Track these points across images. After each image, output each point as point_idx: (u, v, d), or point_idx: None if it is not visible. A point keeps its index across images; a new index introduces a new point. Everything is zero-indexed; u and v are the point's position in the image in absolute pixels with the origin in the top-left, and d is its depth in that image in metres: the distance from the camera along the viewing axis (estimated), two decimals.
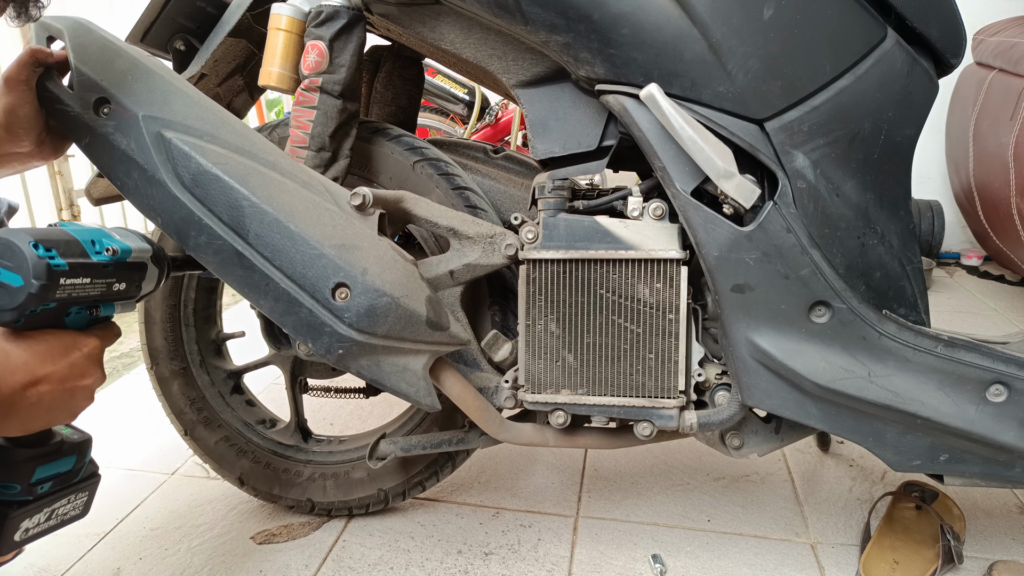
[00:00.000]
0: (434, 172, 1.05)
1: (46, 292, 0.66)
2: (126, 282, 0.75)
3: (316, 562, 1.13)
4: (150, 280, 0.80)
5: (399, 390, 0.87)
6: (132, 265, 0.76)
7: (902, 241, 0.86)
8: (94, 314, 0.74)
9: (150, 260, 0.79)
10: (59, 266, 0.66)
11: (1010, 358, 0.84)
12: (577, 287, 0.91)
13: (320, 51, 0.95)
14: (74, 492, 0.76)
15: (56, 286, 0.66)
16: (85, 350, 0.70)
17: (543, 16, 0.83)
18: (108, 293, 0.73)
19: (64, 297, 0.68)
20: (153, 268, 0.80)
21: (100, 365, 0.72)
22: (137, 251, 0.76)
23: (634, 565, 1.11)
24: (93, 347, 0.71)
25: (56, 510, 0.75)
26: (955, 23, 0.83)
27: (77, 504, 0.77)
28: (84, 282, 0.70)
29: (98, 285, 0.72)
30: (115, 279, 0.74)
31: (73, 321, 0.72)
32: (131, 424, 1.63)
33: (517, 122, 2.58)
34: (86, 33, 0.83)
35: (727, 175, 0.80)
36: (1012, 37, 2.03)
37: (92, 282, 0.71)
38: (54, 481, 0.73)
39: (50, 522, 0.75)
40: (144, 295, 0.81)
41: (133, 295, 0.78)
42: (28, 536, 0.72)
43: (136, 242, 0.77)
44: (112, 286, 0.74)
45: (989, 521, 1.20)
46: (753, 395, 0.88)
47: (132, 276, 0.76)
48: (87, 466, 0.78)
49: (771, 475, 1.35)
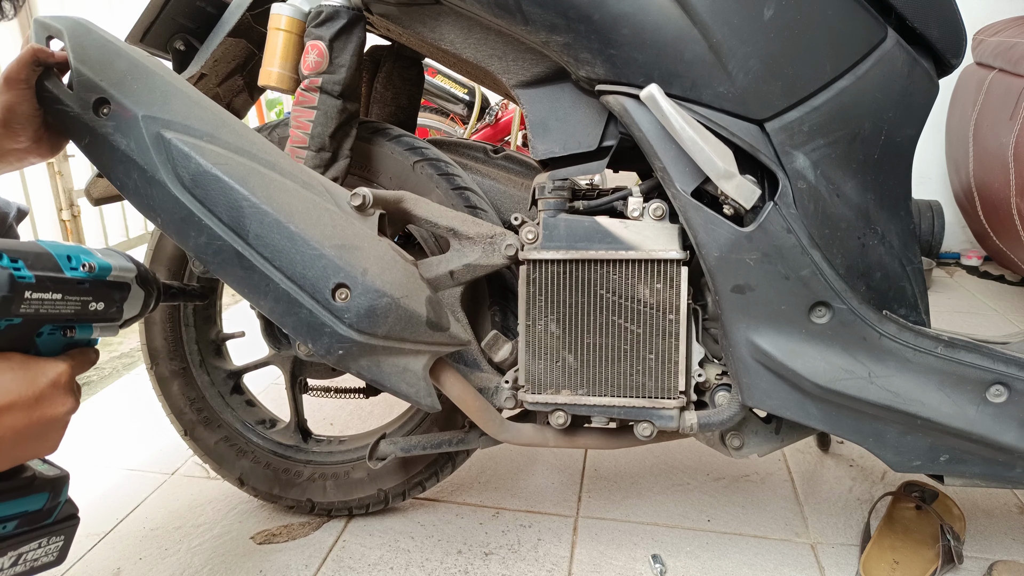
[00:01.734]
0: (434, 172, 1.05)
1: (8, 305, 0.61)
2: (104, 302, 0.71)
3: (316, 562, 1.13)
4: (134, 303, 0.75)
5: (399, 391, 0.87)
6: (112, 284, 0.72)
7: (902, 241, 0.86)
8: (69, 335, 0.69)
9: (135, 281, 0.75)
10: (24, 278, 0.62)
11: (1010, 358, 0.84)
12: (577, 287, 0.91)
13: (320, 51, 0.95)
14: (46, 535, 0.69)
15: (20, 299, 0.62)
16: (52, 376, 0.65)
17: (543, 16, 0.83)
18: (84, 312, 0.69)
19: (31, 313, 0.64)
20: (138, 290, 0.76)
21: (71, 392, 0.67)
22: (118, 270, 0.72)
23: (634, 565, 1.11)
24: (61, 373, 0.66)
25: (24, 554, 0.67)
26: (955, 23, 0.83)
27: (50, 549, 0.70)
28: (55, 298, 0.65)
29: (71, 303, 0.67)
30: (91, 298, 0.69)
31: (45, 343, 0.68)
32: (131, 424, 1.63)
33: (517, 122, 2.58)
34: (86, 33, 0.83)
35: (727, 175, 0.80)
36: (1012, 37, 2.03)
37: (64, 298, 0.66)
38: (20, 520, 0.66)
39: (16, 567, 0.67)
40: (129, 319, 0.76)
41: (115, 318, 0.74)
42: None
43: (119, 261, 0.73)
44: (88, 305, 0.69)
45: (989, 521, 1.20)
46: (753, 395, 0.88)
47: (111, 296, 0.72)
48: (63, 507, 0.71)
49: (771, 475, 1.35)
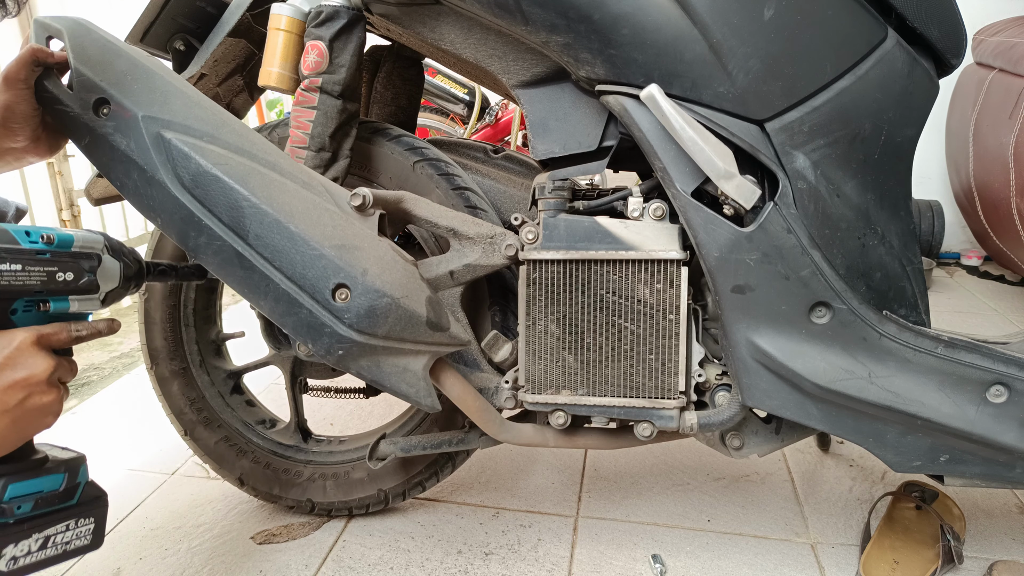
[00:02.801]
0: (434, 172, 1.05)
1: None
2: (72, 271, 0.71)
3: (316, 562, 1.13)
4: (109, 274, 0.76)
5: (399, 391, 0.87)
6: (77, 255, 0.72)
7: (902, 241, 0.86)
8: (43, 309, 0.71)
9: (105, 251, 0.75)
10: None
11: (1010, 358, 0.84)
12: (577, 287, 0.91)
13: (320, 51, 0.95)
14: (73, 517, 0.71)
15: None
16: (17, 342, 0.67)
17: (543, 16, 0.83)
18: (52, 284, 0.70)
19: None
20: (111, 260, 0.76)
21: (41, 355, 0.68)
22: (83, 240, 0.73)
23: (634, 565, 1.11)
24: (25, 338, 0.67)
25: (52, 537, 0.69)
26: (955, 23, 0.83)
27: (81, 532, 0.72)
28: (14, 269, 0.67)
29: (34, 274, 0.69)
30: (56, 268, 0.70)
31: (22, 320, 0.69)
32: (131, 424, 1.63)
33: (517, 122, 2.57)
34: (86, 33, 0.83)
35: (727, 176, 0.80)
36: (1012, 37, 2.03)
37: (25, 269, 0.68)
38: (36, 501, 0.68)
39: (47, 551, 0.69)
40: (112, 292, 0.77)
41: (91, 289, 0.74)
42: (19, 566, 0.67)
43: (84, 233, 0.74)
44: (55, 276, 0.70)
45: (989, 521, 1.20)
46: (753, 396, 0.88)
47: (79, 266, 0.72)
48: (84, 488, 0.72)
49: (771, 475, 1.35)
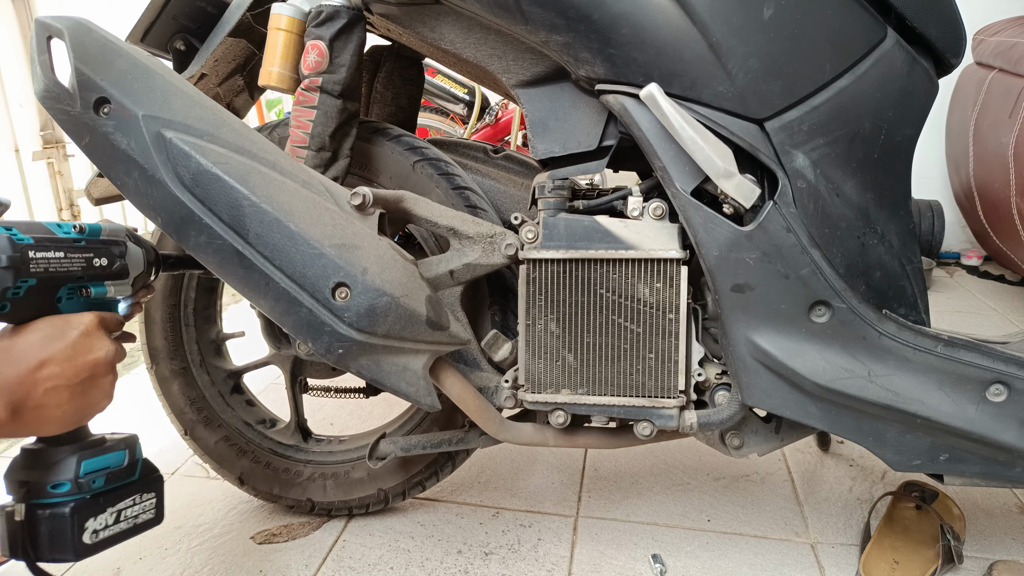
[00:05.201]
0: (434, 172, 1.05)
1: (17, 265, 0.65)
2: (107, 257, 0.75)
3: (316, 562, 1.13)
4: (135, 260, 0.79)
5: (399, 390, 0.87)
6: (108, 241, 0.76)
7: (902, 241, 0.86)
8: (86, 294, 0.73)
9: (128, 239, 0.79)
10: (23, 240, 0.66)
11: (1010, 358, 0.84)
12: (577, 287, 0.91)
13: (320, 51, 0.95)
14: (138, 491, 0.75)
15: (27, 260, 0.66)
16: (81, 327, 0.70)
17: (543, 16, 0.83)
18: (91, 269, 0.73)
19: (41, 272, 0.68)
20: (134, 247, 0.79)
21: (105, 338, 0.72)
22: (109, 228, 0.77)
23: (634, 565, 1.11)
24: (89, 322, 0.71)
25: (123, 511, 0.73)
26: (955, 23, 0.83)
27: (146, 506, 0.75)
28: (58, 256, 0.69)
29: (76, 260, 0.71)
30: (93, 254, 0.73)
31: (67, 307, 0.72)
32: (131, 424, 1.63)
33: (517, 122, 2.58)
34: (86, 33, 0.83)
35: (727, 175, 0.80)
36: (1012, 37, 2.03)
37: (67, 256, 0.70)
38: (107, 476, 0.72)
39: (120, 524, 0.73)
40: (138, 278, 0.80)
41: (123, 274, 0.77)
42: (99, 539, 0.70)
43: (107, 223, 0.77)
44: (92, 261, 0.73)
45: (989, 521, 1.20)
46: (753, 395, 0.88)
47: (111, 251, 0.76)
48: (143, 464, 0.76)
49: (771, 475, 1.35)
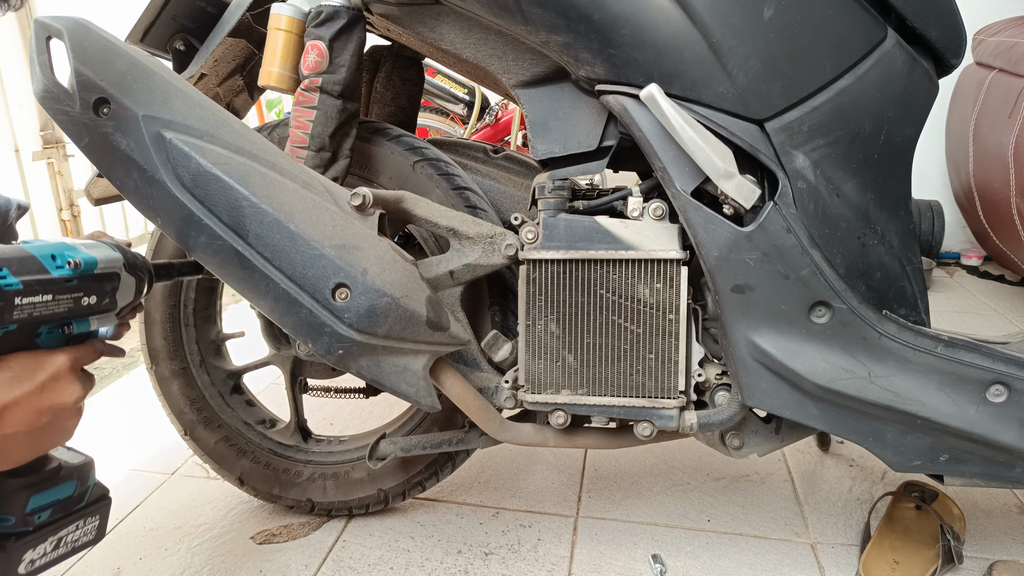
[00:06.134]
0: (434, 172, 1.05)
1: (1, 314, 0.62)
2: (96, 295, 0.71)
3: (316, 562, 1.13)
4: (126, 291, 0.75)
5: (399, 390, 0.87)
6: (101, 276, 0.72)
7: (902, 241, 0.86)
8: (67, 331, 0.70)
9: (123, 269, 0.75)
10: (11, 286, 0.62)
11: (1010, 358, 0.84)
12: (577, 287, 0.91)
13: (320, 51, 0.95)
14: (82, 517, 0.72)
15: (11, 307, 0.62)
16: (52, 369, 0.66)
17: (543, 16, 0.83)
18: (77, 308, 0.69)
19: (24, 318, 0.64)
20: (128, 278, 0.75)
21: (74, 382, 0.68)
22: (105, 261, 0.72)
23: (634, 565, 1.11)
24: (61, 365, 0.67)
25: (63, 538, 0.71)
26: (955, 23, 0.83)
27: (88, 529, 0.73)
28: (46, 299, 0.65)
29: (63, 301, 0.67)
30: (82, 293, 0.69)
31: (45, 342, 0.68)
32: (131, 424, 1.63)
33: (517, 122, 2.58)
34: (86, 33, 0.83)
35: (727, 175, 0.80)
36: (1012, 37, 2.03)
37: (55, 299, 0.66)
38: (54, 509, 0.69)
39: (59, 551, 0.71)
40: (125, 307, 0.76)
41: (109, 308, 0.74)
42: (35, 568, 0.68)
43: (104, 252, 0.73)
44: (80, 300, 0.69)
45: (989, 521, 1.20)
46: (753, 395, 0.88)
47: (102, 288, 0.72)
48: (92, 489, 0.74)
49: (771, 475, 1.35)
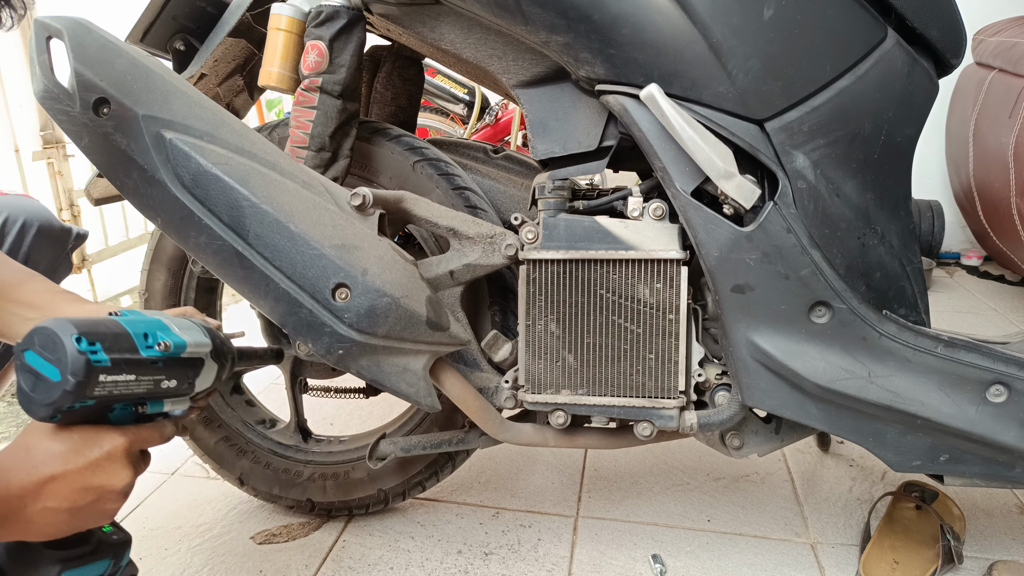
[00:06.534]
0: (434, 172, 1.05)
1: (82, 389, 0.61)
2: (177, 379, 0.70)
3: (316, 562, 1.13)
4: (206, 376, 0.74)
5: (399, 390, 0.87)
6: (186, 361, 0.71)
7: (902, 241, 0.86)
8: (139, 411, 0.69)
9: (208, 356, 0.74)
10: (100, 362, 0.62)
11: (1010, 358, 0.84)
12: (577, 287, 0.91)
13: (320, 51, 0.95)
14: None
15: (94, 383, 0.62)
16: (107, 448, 0.65)
17: (543, 16, 0.83)
18: (156, 390, 0.68)
19: (104, 395, 0.64)
20: (212, 364, 0.75)
21: (128, 465, 0.67)
22: (193, 346, 0.71)
23: (634, 565, 1.11)
24: (118, 446, 0.66)
25: None
26: (955, 23, 0.83)
27: None
28: (128, 379, 0.65)
29: (144, 382, 0.67)
30: (164, 376, 0.69)
31: (117, 418, 0.68)
32: None
33: (517, 122, 2.58)
34: (86, 33, 0.83)
35: (727, 175, 0.80)
36: (1012, 37, 2.03)
37: (137, 379, 0.66)
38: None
39: None
40: (200, 392, 0.75)
41: (186, 393, 0.73)
42: None
43: (195, 336, 0.72)
44: (160, 383, 0.68)
45: (989, 521, 1.20)
46: (753, 395, 0.88)
47: (185, 373, 0.71)
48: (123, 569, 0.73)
49: (771, 475, 1.35)
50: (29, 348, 0.62)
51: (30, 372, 0.62)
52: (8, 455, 0.63)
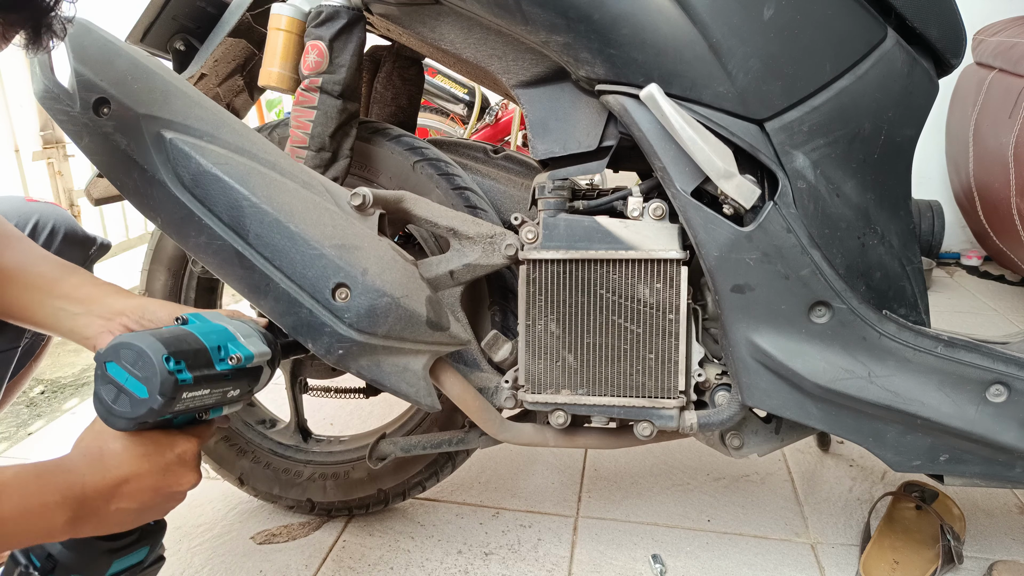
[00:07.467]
0: (434, 172, 1.05)
1: (168, 407, 0.64)
2: (240, 388, 0.73)
3: (316, 562, 1.13)
4: (263, 382, 0.77)
5: (399, 390, 0.87)
6: (250, 371, 0.74)
7: (902, 241, 0.86)
8: (203, 417, 0.72)
9: (267, 364, 0.76)
10: (185, 381, 0.65)
11: (1010, 358, 0.84)
12: (577, 287, 0.91)
13: (320, 51, 0.95)
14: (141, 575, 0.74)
15: (179, 400, 0.65)
16: (180, 451, 0.68)
17: (543, 16, 0.83)
18: (222, 400, 0.72)
19: (181, 410, 0.67)
20: (267, 371, 0.77)
21: (195, 470, 0.70)
22: (259, 356, 0.74)
23: (634, 565, 1.11)
24: (189, 449, 0.69)
25: None
26: (955, 23, 0.83)
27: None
28: (204, 393, 0.68)
29: (215, 394, 0.70)
30: (231, 387, 0.72)
31: (180, 422, 0.71)
32: None
33: (517, 122, 2.58)
34: (86, 33, 0.83)
35: (727, 175, 0.80)
36: (1012, 37, 2.03)
37: (211, 392, 0.69)
38: (126, 573, 0.71)
39: None
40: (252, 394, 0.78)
41: (244, 399, 0.76)
42: None
43: (258, 346, 0.75)
44: (227, 393, 0.72)
45: (989, 521, 1.20)
46: (753, 395, 0.88)
47: (248, 382, 0.74)
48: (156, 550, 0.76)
49: (771, 475, 1.35)
50: (113, 360, 0.64)
51: (113, 384, 0.64)
52: (81, 458, 0.65)
